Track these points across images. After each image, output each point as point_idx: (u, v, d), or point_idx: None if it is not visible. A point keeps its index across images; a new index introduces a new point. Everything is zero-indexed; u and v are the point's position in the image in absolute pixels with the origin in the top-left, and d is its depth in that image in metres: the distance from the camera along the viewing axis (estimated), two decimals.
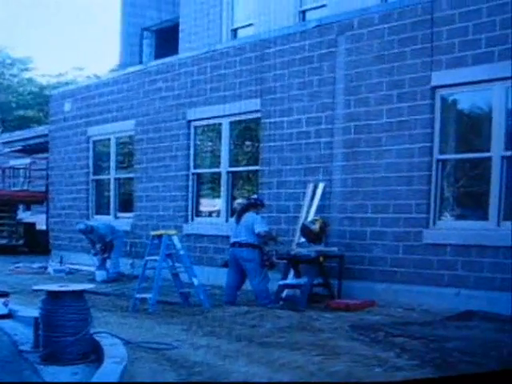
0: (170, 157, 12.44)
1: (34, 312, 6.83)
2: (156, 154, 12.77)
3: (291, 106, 10.41)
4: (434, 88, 8.87)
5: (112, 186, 14.19)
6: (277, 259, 9.29)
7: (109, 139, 14.22)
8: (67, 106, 15.18)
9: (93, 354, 6.00)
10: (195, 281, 9.06)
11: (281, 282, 9.36)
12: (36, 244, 18.29)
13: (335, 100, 9.82)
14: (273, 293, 9.17)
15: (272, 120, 10.70)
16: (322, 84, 9.99)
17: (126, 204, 13.96)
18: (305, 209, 9.98)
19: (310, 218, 9.66)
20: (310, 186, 10.04)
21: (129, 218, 13.50)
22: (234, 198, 11.50)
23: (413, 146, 8.99)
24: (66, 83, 28.70)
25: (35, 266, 14.02)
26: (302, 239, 9.57)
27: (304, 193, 10.11)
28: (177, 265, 9.26)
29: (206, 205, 12.56)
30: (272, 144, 10.68)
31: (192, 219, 12.20)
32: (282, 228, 10.29)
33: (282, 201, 10.49)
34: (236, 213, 9.64)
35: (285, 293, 9.45)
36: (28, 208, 22.86)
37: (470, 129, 9.36)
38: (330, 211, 9.83)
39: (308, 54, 10.18)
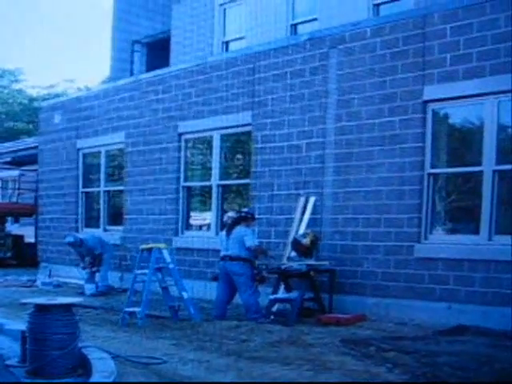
0: (161, 170, 12.38)
1: (21, 325, 6.73)
2: (146, 167, 12.70)
3: (282, 120, 10.39)
4: (426, 102, 8.88)
5: (102, 199, 14.10)
6: (267, 273, 9.23)
7: (99, 152, 14.15)
8: (57, 118, 15.11)
9: (81, 369, 5.90)
10: (185, 294, 8.98)
11: (271, 297, 9.29)
12: (24, 257, 18.11)
13: (327, 113, 9.81)
14: (263, 307, 9.10)
15: (263, 133, 10.67)
16: (313, 97, 9.99)
17: (115, 217, 13.87)
18: (296, 222, 9.93)
19: (300, 232, 9.61)
20: (301, 200, 10.00)
21: (118, 231, 13.40)
22: (224, 212, 11.43)
23: (404, 159, 8.98)
24: (57, 95, 28.66)
25: (23, 278, 13.88)
26: (293, 253, 9.52)
27: (295, 206, 10.07)
28: (166, 278, 9.19)
29: (197, 218, 12.49)
30: (263, 157, 10.65)
31: (182, 232, 12.12)
32: (272, 242, 10.24)
33: (273, 214, 10.44)
34: (226, 226, 9.58)
35: (275, 307, 9.38)
36: (17, 220, 22.67)
37: (462, 143, 9.37)
38: (321, 225, 9.79)
39: (300, 67, 10.19)
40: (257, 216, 9.84)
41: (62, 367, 5.78)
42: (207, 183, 11.88)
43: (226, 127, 11.39)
